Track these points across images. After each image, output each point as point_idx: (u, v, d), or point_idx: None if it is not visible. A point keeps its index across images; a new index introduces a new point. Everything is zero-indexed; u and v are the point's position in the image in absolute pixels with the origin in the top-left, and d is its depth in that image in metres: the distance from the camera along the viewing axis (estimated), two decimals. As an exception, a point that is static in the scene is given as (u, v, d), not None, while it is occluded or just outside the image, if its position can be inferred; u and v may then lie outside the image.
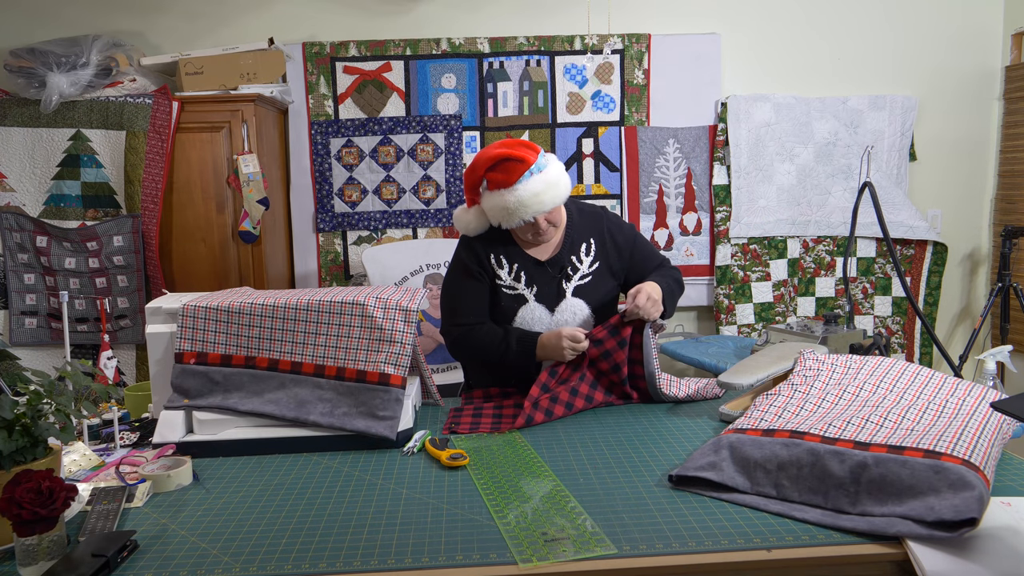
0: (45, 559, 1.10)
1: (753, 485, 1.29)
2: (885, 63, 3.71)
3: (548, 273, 1.97)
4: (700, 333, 3.83)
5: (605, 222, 2.04)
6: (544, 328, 1.93)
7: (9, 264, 3.17)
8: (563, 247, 1.99)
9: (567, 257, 1.98)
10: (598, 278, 1.99)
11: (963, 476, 1.13)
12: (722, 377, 1.72)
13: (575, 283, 1.97)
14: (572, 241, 2.00)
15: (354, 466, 1.49)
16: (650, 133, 3.63)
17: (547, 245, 2.00)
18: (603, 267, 2.00)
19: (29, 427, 1.20)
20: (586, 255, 1.99)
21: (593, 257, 1.99)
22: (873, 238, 3.73)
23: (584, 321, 1.95)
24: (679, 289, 2.02)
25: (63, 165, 3.11)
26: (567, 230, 2.01)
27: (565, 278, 1.97)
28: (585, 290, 1.97)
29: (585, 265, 1.98)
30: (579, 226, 2.02)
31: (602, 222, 2.04)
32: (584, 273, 1.98)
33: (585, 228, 2.02)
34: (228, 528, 1.22)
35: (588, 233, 2.01)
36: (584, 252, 1.99)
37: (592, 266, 1.99)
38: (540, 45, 3.57)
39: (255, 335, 1.65)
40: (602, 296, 1.99)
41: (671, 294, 1.93)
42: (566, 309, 1.94)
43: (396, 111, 3.56)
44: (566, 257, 1.98)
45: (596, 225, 2.03)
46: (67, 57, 3.01)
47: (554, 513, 1.24)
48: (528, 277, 1.97)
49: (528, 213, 1.84)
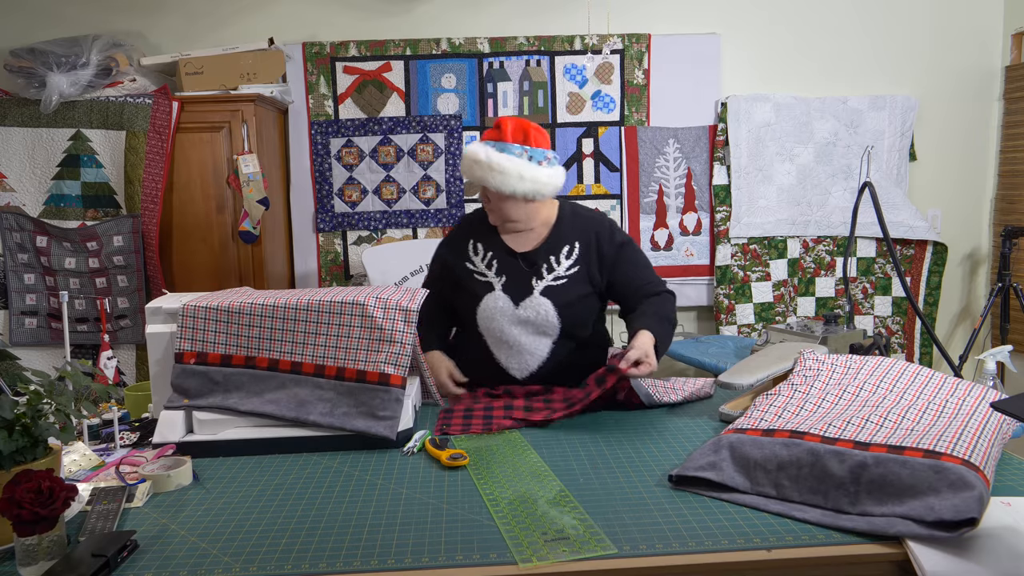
0: (45, 559, 1.10)
1: (753, 485, 1.29)
2: (885, 63, 3.71)
3: (520, 267, 1.97)
4: (700, 333, 3.84)
5: (596, 228, 2.00)
6: (507, 320, 1.93)
7: (9, 264, 3.17)
8: (543, 245, 1.99)
9: (545, 255, 1.97)
10: (573, 283, 1.96)
11: (963, 476, 1.13)
12: (722, 377, 1.72)
13: (547, 282, 1.95)
14: (555, 241, 1.98)
15: (354, 466, 1.49)
16: (650, 133, 3.63)
17: (528, 239, 2.00)
18: (582, 272, 1.97)
19: (29, 427, 1.20)
20: (566, 258, 1.97)
21: (573, 261, 1.97)
22: (873, 238, 3.73)
23: (548, 322, 1.92)
24: (671, 329, 1.95)
25: (63, 165, 3.11)
26: (553, 229, 2.00)
27: (537, 275, 1.96)
28: (556, 291, 1.94)
29: (562, 267, 1.96)
30: (567, 228, 2.00)
31: (593, 227, 2.00)
32: (559, 275, 1.95)
33: (573, 231, 2.00)
34: (228, 528, 1.22)
35: (574, 236, 1.99)
36: (565, 254, 1.97)
37: (570, 269, 1.96)
38: (540, 45, 3.57)
39: (255, 335, 1.65)
40: (573, 300, 1.95)
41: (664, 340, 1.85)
42: (530, 306, 1.92)
43: (396, 111, 3.56)
44: (544, 255, 1.97)
45: (586, 230, 2.00)
46: (67, 57, 3.01)
47: (554, 513, 1.24)
48: (500, 266, 1.97)
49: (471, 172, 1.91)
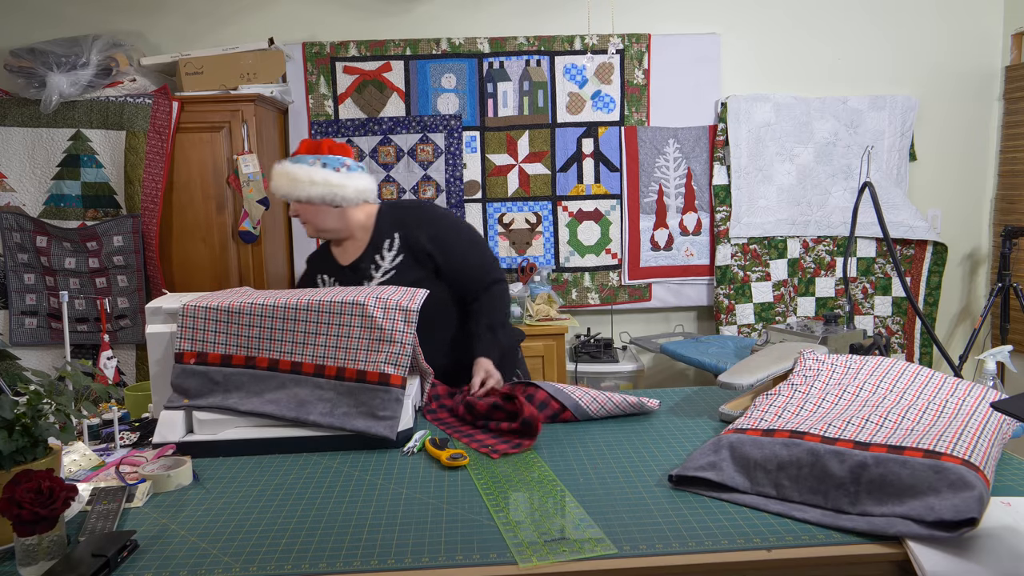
0: (45, 559, 1.10)
1: (753, 485, 1.29)
2: (885, 63, 3.71)
3: (352, 277, 2.05)
4: (700, 333, 3.84)
5: (412, 215, 2.05)
6: None
7: (9, 264, 3.17)
8: (367, 248, 2.04)
9: (371, 257, 2.03)
10: (403, 270, 2.01)
11: (963, 476, 1.13)
12: (722, 377, 1.72)
13: (378, 280, 2.02)
14: (377, 240, 2.04)
15: (354, 466, 1.49)
16: (650, 133, 3.63)
17: (354, 248, 2.06)
18: (408, 259, 2.02)
19: (29, 427, 1.20)
20: (388, 250, 2.02)
21: (396, 251, 2.02)
22: (873, 238, 3.73)
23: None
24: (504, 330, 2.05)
25: (63, 165, 3.11)
26: (373, 231, 2.05)
27: (367, 278, 2.03)
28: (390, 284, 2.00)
29: (387, 262, 2.02)
30: (386, 224, 2.05)
31: (409, 216, 2.05)
32: (386, 269, 2.01)
33: (392, 225, 2.04)
34: (228, 528, 1.22)
35: (394, 229, 2.04)
36: (387, 248, 2.02)
37: (396, 259, 2.01)
38: (540, 45, 3.57)
39: (255, 335, 1.65)
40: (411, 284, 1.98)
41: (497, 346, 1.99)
42: None
43: (396, 111, 3.56)
44: (369, 257, 2.03)
45: (403, 220, 2.04)
46: (67, 57, 3.01)
47: (554, 513, 1.24)
48: (340, 284, 2.05)
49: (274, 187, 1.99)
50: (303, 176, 1.95)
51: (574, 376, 3.46)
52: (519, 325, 3.32)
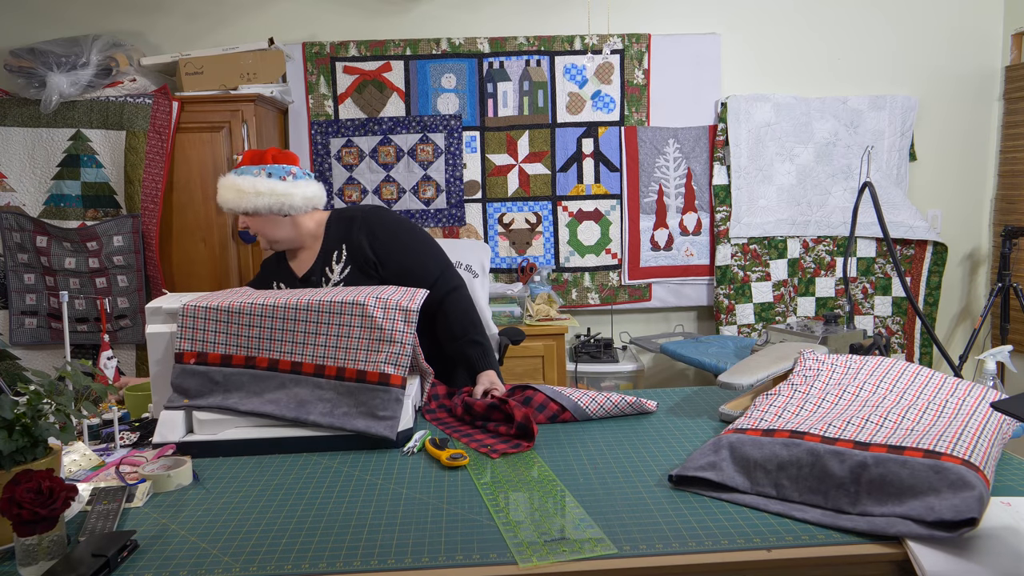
0: (45, 559, 1.10)
1: (753, 485, 1.29)
2: (885, 63, 3.71)
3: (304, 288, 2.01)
4: (700, 333, 3.84)
5: (357, 224, 2.00)
6: None
7: (9, 264, 3.17)
8: (318, 258, 2.01)
9: (321, 268, 2.00)
10: (351, 281, 1.98)
11: (963, 476, 1.13)
12: (722, 377, 1.72)
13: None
14: (327, 250, 2.01)
15: (354, 466, 1.49)
16: (650, 133, 3.63)
17: (307, 259, 2.03)
18: (354, 271, 1.98)
19: (29, 427, 1.20)
20: (337, 262, 1.99)
21: (344, 263, 1.99)
22: (873, 238, 3.73)
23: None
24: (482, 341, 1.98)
25: (63, 165, 3.11)
26: (323, 241, 2.02)
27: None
28: None
29: (336, 273, 1.99)
30: (333, 233, 2.01)
31: (352, 226, 2.00)
32: (335, 281, 1.98)
33: (339, 234, 2.01)
34: (228, 528, 1.22)
35: (340, 239, 2.00)
36: (336, 259, 1.99)
37: (344, 272, 1.98)
38: (540, 45, 3.57)
39: (255, 335, 1.65)
40: None
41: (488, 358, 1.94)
42: None
43: (396, 111, 3.56)
44: (319, 268, 2.00)
45: (348, 229, 2.00)
46: (67, 57, 3.01)
47: (554, 513, 1.24)
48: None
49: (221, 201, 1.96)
50: (248, 187, 1.91)
51: (574, 376, 3.46)
52: (519, 325, 3.32)
